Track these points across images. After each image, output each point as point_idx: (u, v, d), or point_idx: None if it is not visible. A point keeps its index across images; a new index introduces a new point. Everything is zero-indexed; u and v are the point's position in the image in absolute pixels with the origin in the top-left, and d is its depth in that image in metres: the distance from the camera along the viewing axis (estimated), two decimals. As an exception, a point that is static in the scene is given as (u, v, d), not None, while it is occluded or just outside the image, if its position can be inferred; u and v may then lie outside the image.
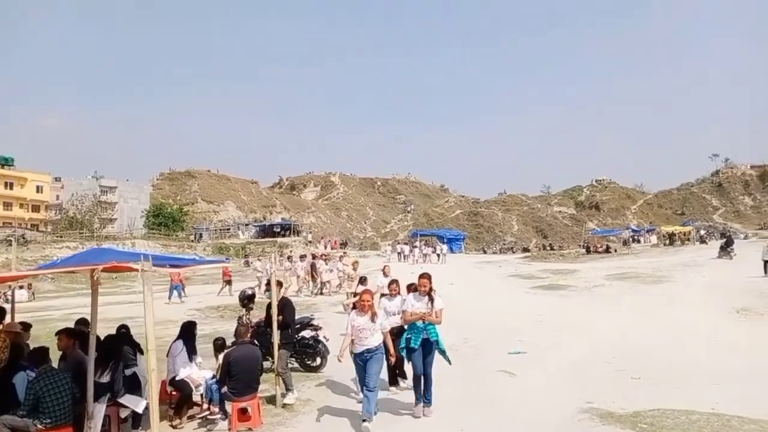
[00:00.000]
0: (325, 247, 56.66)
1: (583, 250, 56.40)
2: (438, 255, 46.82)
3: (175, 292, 23.12)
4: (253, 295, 10.89)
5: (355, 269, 19.64)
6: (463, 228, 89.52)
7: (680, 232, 58.97)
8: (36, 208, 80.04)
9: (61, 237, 52.34)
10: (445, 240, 68.77)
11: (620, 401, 7.77)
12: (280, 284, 8.74)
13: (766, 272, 23.67)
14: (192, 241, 63.52)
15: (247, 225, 74.51)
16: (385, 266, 15.53)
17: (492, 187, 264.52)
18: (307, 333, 9.69)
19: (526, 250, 71.49)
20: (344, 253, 39.06)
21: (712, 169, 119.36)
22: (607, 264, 38.07)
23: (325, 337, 9.67)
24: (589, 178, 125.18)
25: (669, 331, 13.21)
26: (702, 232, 63.44)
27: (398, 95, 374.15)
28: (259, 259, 31.49)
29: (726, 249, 37.21)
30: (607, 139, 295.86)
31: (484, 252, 72.07)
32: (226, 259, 15.05)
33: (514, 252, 69.60)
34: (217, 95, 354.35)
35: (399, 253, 47.78)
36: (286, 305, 8.24)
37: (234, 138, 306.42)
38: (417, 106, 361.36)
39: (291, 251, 54.73)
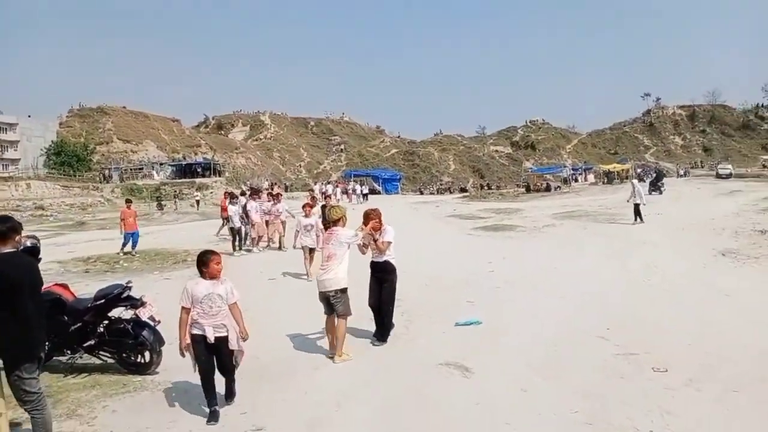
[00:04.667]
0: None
1: (523, 189, 54.58)
2: (360, 195, 46.35)
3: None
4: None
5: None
6: (400, 168, 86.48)
7: (619, 170, 57.80)
8: None
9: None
10: (381, 180, 65.55)
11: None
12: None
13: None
14: (99, 182, 57.02)
15: (162, 164, 68.02)
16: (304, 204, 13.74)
17: (428, 129, 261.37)
18: (120, 312, 5.89)
19: (463, 190, 69.27)
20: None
21: (643, 109, 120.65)
22: (550, 202, 35.88)
23: (153, 318, 5.82)
24: (523, 119, 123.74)
25: (659, 285, 10.13)
26: (638, 170, 62.80)
27: (331, 28, 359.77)
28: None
29: (656, 184, 37.58)
30: (538, 80, 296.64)
31: (421, 192, 69.38)
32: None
33: (451, 192, 67.31)
34: (136, 26, 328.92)
35: (322, 193, 44.53)
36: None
37: (152, 72, 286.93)
38: (351, 39, 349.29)
39: (211, 192, 50.05)
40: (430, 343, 6.89)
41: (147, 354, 5.73)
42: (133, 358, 5.77)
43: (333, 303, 6.27)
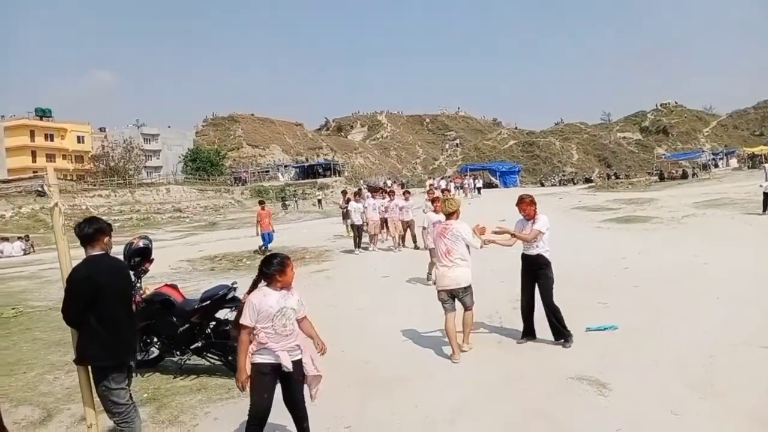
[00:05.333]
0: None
1: (656, 177, 50.31)
2: (473, 189, 44.90)
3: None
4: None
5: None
6: (518, 160, 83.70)
7: (766, 152, 51.41)
8: (80, 159, 79.19)
9: (94, 185, 50.37)
10: (498, 174, 63.70)
11: None
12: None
13: None
14: (230, 185, 60.81)
15: (286, 166, 71.13)
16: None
17: (548, 119, 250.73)
18: (226, 314, 5.74)
19: (588, 180, 65.46)
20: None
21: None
22: (688, 191, 32.60)
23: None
24: (653, 102, 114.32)
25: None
26: (792, 151, 55.54)
27: (446, 24, 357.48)
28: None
29: None
30: (669, 60, 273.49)
31: (542, 185, 66.47)
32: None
33: (575, 183, 63.86)
34: (256, 40, 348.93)
35: (437, 188, 44.21)
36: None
37: (277, 82, 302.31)
38: (465, 36, 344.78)
39: (332, 191, 51.33)
40: (558, 350, 6.12)
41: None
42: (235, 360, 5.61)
43: (460, 298, 6.13)
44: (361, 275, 11.98)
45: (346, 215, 20.81)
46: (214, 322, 5.79)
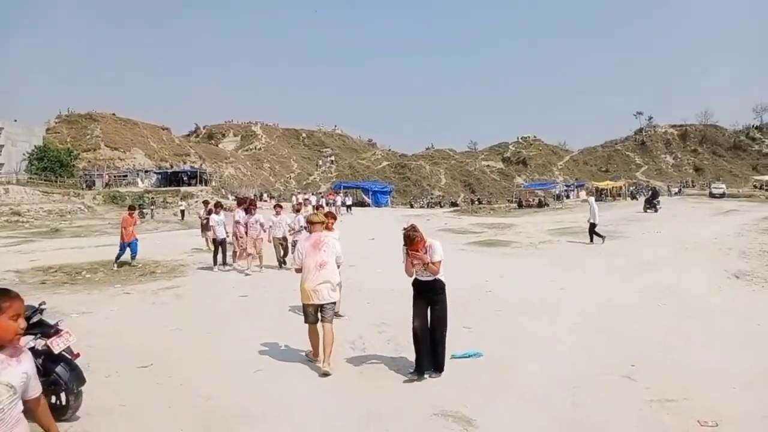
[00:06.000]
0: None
1: (515, 205, 53.61)
2: (341, 206, 45.34)
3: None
4: None
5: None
6: (390, 181, 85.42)
7: (612, 187, 57.04)
8: None
9: None
10: (371, 192, 64.41)
11: None
12: None
13: None
14: (81, 188, 55.36)
15: (147, 172, 66.35)
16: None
17: (420, 144, 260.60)
18: (29, 342, 4.61)
19: (454, 204, 68.23)
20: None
21: (635, 128, 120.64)
22: (544, 218, 34.90)
23: (70, 350, 4.58)
24: (514, 135, 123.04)
25: (679, 311, 9.00)
26: (632, 188, 62.18)
27: (326, 42, 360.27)
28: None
29: (651, 202, 36.59)
30: (529, 98, 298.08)
31: (411, 206, 68.31)
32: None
33: (441, 206, 66.25)
34: (125, 33, 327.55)
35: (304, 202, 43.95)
36: None
37: (143, 82, 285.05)
38: (345, 53, 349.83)
39: (196, 202, 48.42)
40: (421, 380, 5.71)
41: (62, 395, 4.48)
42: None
43: (325, 311, 6.12)
44: (215, 294, 10.91)
45: (205, 227, 19.39)
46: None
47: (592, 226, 19.37)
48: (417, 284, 6.09)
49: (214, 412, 4.93)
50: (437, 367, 5.88)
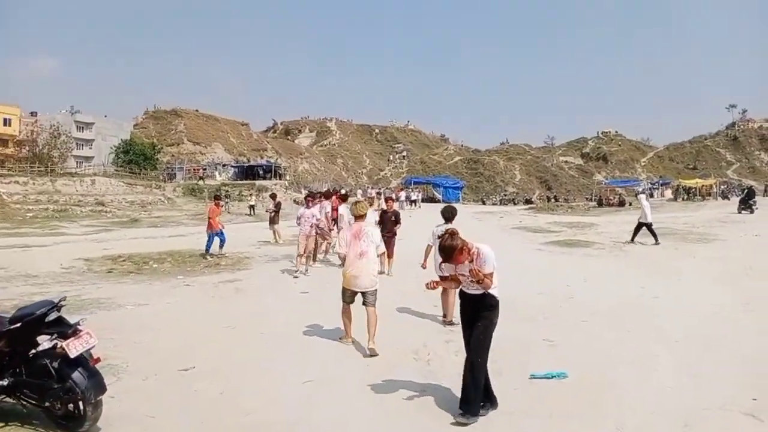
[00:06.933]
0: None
1: (594, 203, 50.98)
2: (405, 201, 44.21)
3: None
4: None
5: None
6: (462, 177, 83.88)
7: (701, 186, 53.07)
8: (4, 143, 73.75)
9: (10, 171, 46.38)
10: (441, 188, 63.33)
11: None
12: None
13: None
14: (162, 180, 57.54)
15: (224, 165, 68.21)
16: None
17: (494, 139, 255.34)
18: (44, 342, 4.10)
19: (528, 201, 66.05)
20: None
21: (727, 122, 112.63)
22: (626, 218, 32.53)
23: (90, 354, 4.05)
24: (594, 130, 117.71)
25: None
26: (723, 187, 57.79)
27: (401, 38, 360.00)
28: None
29: (747, 202, 32.98)
30: (612, 91, 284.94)
31: (483, 203, 66.63)
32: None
33: (515, 204, 64.19)
34: (209, 36, 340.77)
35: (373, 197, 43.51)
36: None
37: (226, 79, 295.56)
38: (417, 51, 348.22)
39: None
40: (497, 411, 4.82)
41: (80, 404, 3.96)
42: (60, 408, 4.01)
43: (366, 296, 6.38)
44: (277, 290, 10.44)
45: (273, 220, 19.18)
46: (33, 352, 4.15)
47: (646, 225, 18.07)
48: (462, 297, 4.83)
49: (251, 429, 4.28)
50: (466, 409, 4.47)
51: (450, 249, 4.41)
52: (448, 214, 7.96)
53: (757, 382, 5.34)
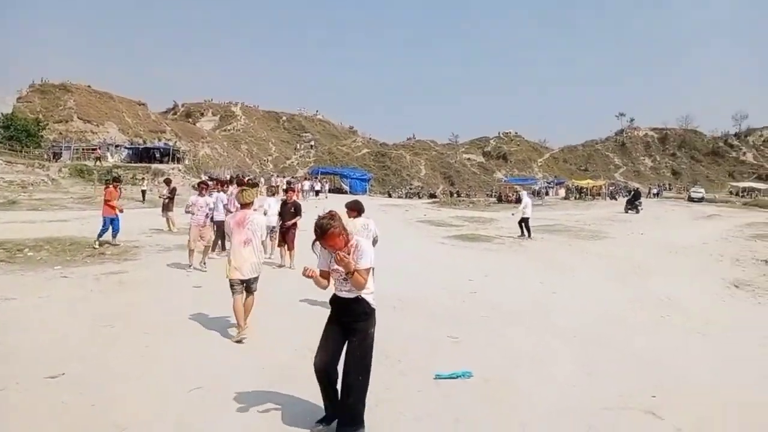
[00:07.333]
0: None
1: (494, 199, 52.91)
2: (309, 191, 44.77)
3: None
4: None
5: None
6: (370, 169, 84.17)
7: (592, 186, 56.63)
8: None
9: None
10: (349, 180, 63.18)
11: None
12: None
13: None
14: (47, 159, 52.94)
15: (117, 146, 63.87)
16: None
17: (401, 134, 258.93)
18: None
19: (432, 195, 67.39)
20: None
21: (616, 129, 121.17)
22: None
23: None
24: (496, 130, 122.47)
25: (688, 325, 8.02)
26: (611, 188, 61.98)
27: (312, 27, 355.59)
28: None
29: (633, 203, 36.27)
30: (513, 93, 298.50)
31: (389, 195, 67.20)
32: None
33: (420, 197, 65.27)
34: (111, 5, 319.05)
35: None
36: None
37: (122, 55, 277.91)
38: (332, 39, 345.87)
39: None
40: (398, 412, 4.56)
41: None
42: None
43: (250, 284, 6.42)
44: (166, 283, 9.64)
45: (166, 207, 17.97)
46: None
47: (525, 220, 19.27)
48: (334, 302, 4.23)
49: None
50: (348, 421, 4.02)
51: (324, 227, 3.87)
52: (358, 207, 7.66)
53: (654, 380, 5.47)
